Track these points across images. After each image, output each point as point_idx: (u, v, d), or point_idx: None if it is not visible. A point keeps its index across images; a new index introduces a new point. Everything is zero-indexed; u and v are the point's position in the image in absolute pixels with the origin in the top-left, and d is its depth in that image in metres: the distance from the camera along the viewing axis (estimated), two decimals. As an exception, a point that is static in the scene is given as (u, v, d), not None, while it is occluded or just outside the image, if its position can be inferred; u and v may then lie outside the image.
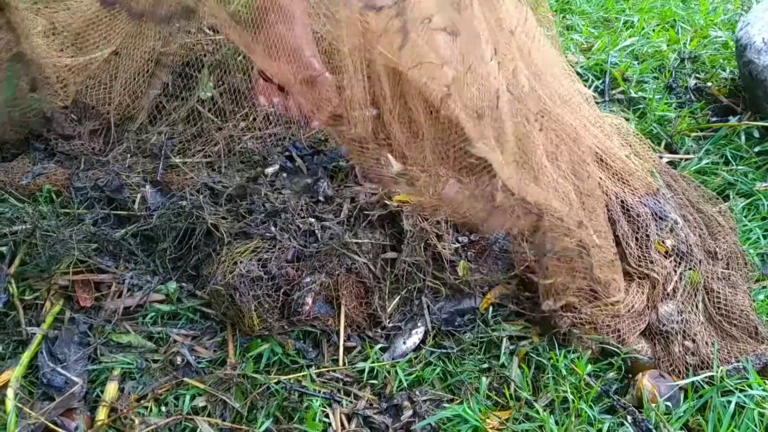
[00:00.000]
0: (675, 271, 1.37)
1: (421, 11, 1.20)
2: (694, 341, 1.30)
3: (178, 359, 1.22)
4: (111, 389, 1.18)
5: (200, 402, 1.17)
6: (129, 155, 1.57)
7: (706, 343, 1.31)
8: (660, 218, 1.42)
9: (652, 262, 1.36)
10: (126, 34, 1.66)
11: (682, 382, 1.24)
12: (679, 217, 1.45)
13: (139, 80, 1.63)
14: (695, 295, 1.37)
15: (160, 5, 1.49)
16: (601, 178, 1.41)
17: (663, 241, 1.40)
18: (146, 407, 1.16)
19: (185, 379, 1.20)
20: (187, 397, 1.17)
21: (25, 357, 1.20)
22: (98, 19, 1.61)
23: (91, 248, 1.33)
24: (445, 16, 1.23)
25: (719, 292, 1.38)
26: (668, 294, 1.35)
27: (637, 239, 1.38)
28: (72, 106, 1.61)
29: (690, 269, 1.39)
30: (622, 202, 1.40)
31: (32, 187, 1.46)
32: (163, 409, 1.17)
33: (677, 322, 1.32)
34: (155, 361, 1.22)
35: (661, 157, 1.75)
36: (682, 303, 1.35)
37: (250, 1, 1.57)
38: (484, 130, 1.23)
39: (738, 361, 1.27)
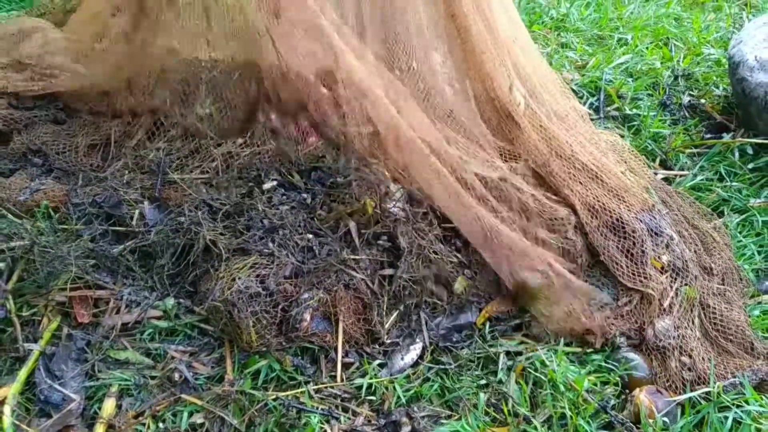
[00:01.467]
0: (671, 287, 1.38)
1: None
2: (690, 357, 1.31)
3: (176, 375, 1.22)
4: (108, 406, 1.18)
5: (198, 419, 1.17)
6: (127, 171, 1.57)
7: (703, 358, 1.31)
8: (656, 234, 1.43)
9: (647, 277, 1.37)
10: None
11: (679, 398, 1.24)
12: (674, 233, 1.46)
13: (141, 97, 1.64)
14: (691, 310, 1.38)
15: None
16: (596, 196, 1.42)
17: (659, 257, 1.41)
18: (144, 424, 1.16)
19: (183, 395, 1.19)
20: (185, 414, 1.17)
21: (23, 373, 1.20)
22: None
23: (89, 264, 1.33)
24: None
25: (715, 308, 1.39)
26: (665, 310, 1.36)
27: (632, 255, 1.38)
28: None
29: (686, 285, 1.40)
30: (618, 218, 1.41)
31: (30, 203, 1.46)
32: (161, 425, 1.16)
33: (674, 338, 1.32)
34: (153, 378, 1.22)
35: (656, 174, 1.76)
36: (679, 318, 1.36)
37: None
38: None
39: (734, 377, 1.28)
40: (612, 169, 1.49)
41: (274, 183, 1.50)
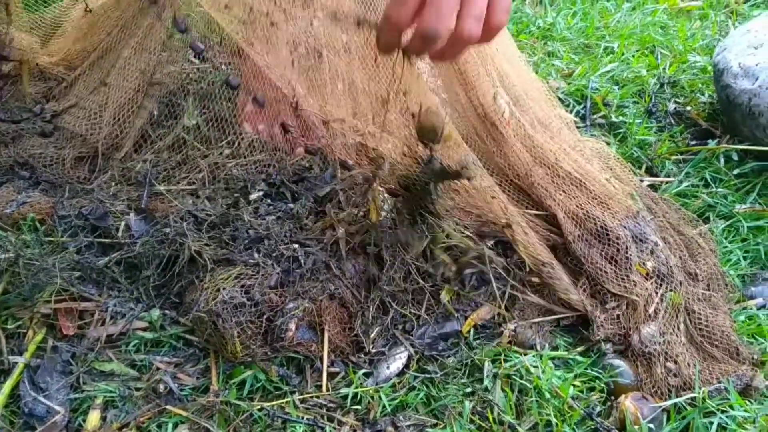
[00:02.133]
0: (656, 293, 1.38)
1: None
2: (676, 362, 1.31)
3: (161, 387, 1.22)
4: (93, 418, 1.17)
5: (183, 430, 1.17)
6: (114, 183, 1.57)
7: (688, 364, 1.31)
8: (640, 240, 1.44)
9: (633, 283, 1.38)
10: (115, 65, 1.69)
11: (664, 404, 1.25)
12: (659, 239, 1.47)
13: (128, 110, 1.65)
14: (676, 316, 1.38)
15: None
16: (579, 204, 1.43)
17: (644, 263, 1.41)
18: (128, 436, 1.16)
19: (168, 406, 1.19)
20: (170, 425, 1.17)
21: (7, 386, 1.19)
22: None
23: (74, 276, 1.33)
24: None
25: (700, 314, 1.39)
26: (650, 316, 1.36)
27: (617, 262, 1.39)
28: None
29: (671, 290, 1.40)
30: (602, 225, 1.41)
31: (16, 216, 1.46)
32: (146, 437, 1.16)
33: (659, 344, 1.33)
34: (138, 389, 1.22)
35: (641, 181, 1.77)
36: (664, 324, 1.36)
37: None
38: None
39: (720, 382, 1.28)
40: (596, 177, 1.49)
41: (261, 193, 1.51)
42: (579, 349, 1.35)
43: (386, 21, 0.97)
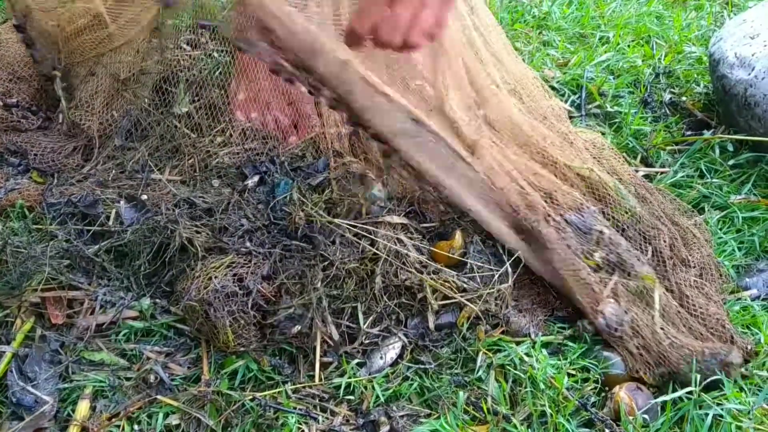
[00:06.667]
0: (610, 280, 1.36)
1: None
2: (643, 337, 1.30)
3: (152, 377, 1.20)
4: (82, 408, 1.16)
5: (174, 420, 1.16)
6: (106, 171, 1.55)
7: (660, 342, 1.29)
8: (584, 233, 1.42)
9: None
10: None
11: (660, 399, 1.24)
12: (604, 227, 1.44)
13: (119, 97, 1.63)
14: (645, 294, 1.35)
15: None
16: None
17: (590, 255, 1.39)
18: (118, 426, 1.14)
19: (158, 396, 1.18)
20: (161, 415, 1.16)
21: (-6, 376, 1.18)
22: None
23: (63, 264, 1.31)
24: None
25: (694, 300, 1.38)
26: (606, 297, 1.34)
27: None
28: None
29: (628, 274, 1.38)
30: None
31: (4, 203, 1.44)
32: (136, 427, 1.15)
33: (626, 322, 1.31)
34: (128, 379, 1.21)
35: (636, 171, 1.76)
36: (626, 302, 1.34)
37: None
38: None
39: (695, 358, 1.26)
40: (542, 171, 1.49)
41: (256, 179, 1.49)
42: (568, 332, 1.34)
43: (350, 32, 1.14)
